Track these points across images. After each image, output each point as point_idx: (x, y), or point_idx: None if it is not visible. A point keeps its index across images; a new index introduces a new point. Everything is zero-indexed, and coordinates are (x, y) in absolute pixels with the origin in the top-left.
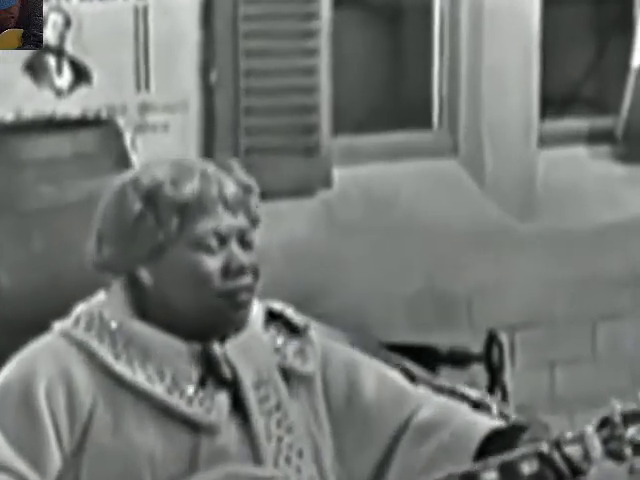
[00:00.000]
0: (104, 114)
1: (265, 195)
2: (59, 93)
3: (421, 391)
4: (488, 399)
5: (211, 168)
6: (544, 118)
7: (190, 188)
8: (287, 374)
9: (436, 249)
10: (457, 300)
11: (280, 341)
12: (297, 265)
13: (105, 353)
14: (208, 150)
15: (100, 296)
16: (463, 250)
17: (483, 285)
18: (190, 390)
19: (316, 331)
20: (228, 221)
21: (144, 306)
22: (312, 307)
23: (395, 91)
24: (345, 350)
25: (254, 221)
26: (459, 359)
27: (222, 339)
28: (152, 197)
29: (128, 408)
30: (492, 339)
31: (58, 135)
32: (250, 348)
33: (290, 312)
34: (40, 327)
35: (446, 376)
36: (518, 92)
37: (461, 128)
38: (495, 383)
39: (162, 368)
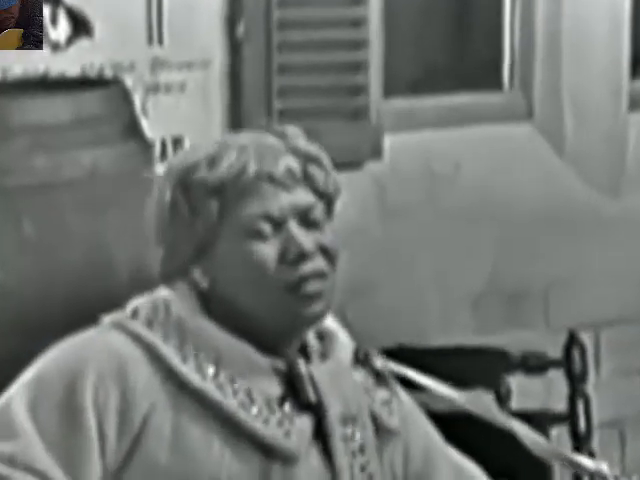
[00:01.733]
0: (108, 72)
1: None
2: (55, 48)
3: None
4: (605, 469)
5: (258, 140)
6: (636, 76)
7: (225, 166)
8: (375, 421)
9: (506, 234)
10: (531, 295)
11: (370, 382)
12: (342, 253)
13: (171, 352)
14: (234, 115)
15: (162, 291)
16: (539, 235)
17: (562, 277)
18: (266, 409)
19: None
20: (280, 200)
21: (210, 312)
22: (358, 304)
23: (458, 45)
24: (424, 420)
25: (323, 194)
26: (533, 365)
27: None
28: (184, 182)
29: (192, 420)
30: (573, 341)
31: (53, 97)
32: (339, 377)
33: (378, 359)
34: (30, 325)
35: (519, 385)
36: (605, 45)
37: (536, 88)
38: (576, 393)
39: (237, 380)
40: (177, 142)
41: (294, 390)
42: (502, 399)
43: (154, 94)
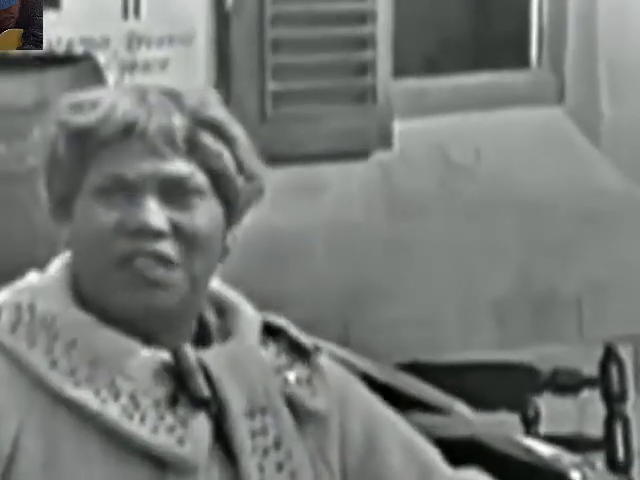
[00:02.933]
0: (78, 49)
1: (301, 158)
2: None
3: (449, 472)
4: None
5: (146, 91)
6: None
7: (95, 111)
8: (292, 405)
9: (534, 233)
10: (562, 303)
11: (283, 360)
12: (345, 256)
13: (37, 359)
14: (221, 97)
15: (31, 277)
16: (571, 234)
17: (598, 282)
18: (154, 413)
19: (330, 359)
20: (143, 163)
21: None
22: (364, 313)
23: (477, 17)
24: (364, 394)
25: (213, 171)
26: (565, 383)
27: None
28: (60, 120)
29: (68, 434)
30: (610, 356)
31: (14, 77)
32: (241, 361)
33: (294, 330)
34: None
35: (549, 406)
36: None
37: (568, 67)
38: (614, 416)
39: (117, 382)
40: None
41: (186, 386)
42: (529, 422)
43: (130, 73)
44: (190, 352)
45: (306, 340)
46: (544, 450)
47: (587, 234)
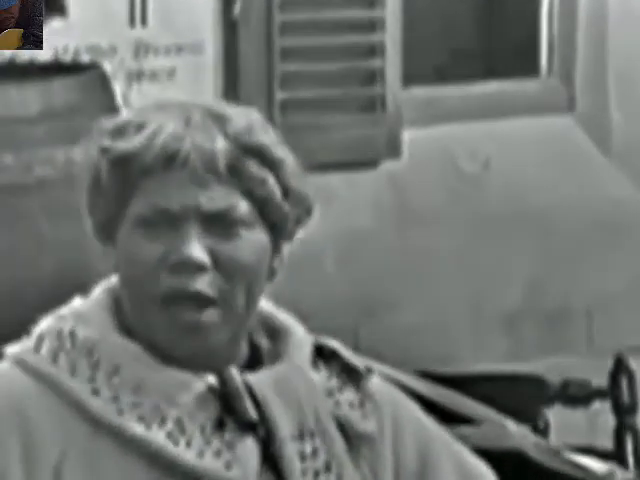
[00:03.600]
0: (85, 57)
1: (309, 167)
2: None
3: None
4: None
5: (190, 113)
6: None
7: (137, 139)
8: (344, 428)
9: (544, 243)
10: (573, 314)
11: (335, 383)
12: (354, 265)
13: (79, 388)
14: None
15: (75, 303)
16: (581, 245)
17: (608, 293)
18: (200, 437)
19: (382, 380)
20: (186, 193)
21: (120, 315)
22: (373, 324)
23: (488, 26)
24: (416, 414)
25: (256, 199)
26: (576, 394)
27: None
28: (100, 148)
29: (112, 462)
30: (620, 367)
31: (21, 86)
32: (289, 383)
33: (346, 352)
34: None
35: (558, 418)
36: None
37: (578, 75)
38: (624, 428)
39: (161, 407)
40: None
41: (232, 409)
42: (539, 434)
43: (138, 81)
44: (236, 374)
45: (358, 362)
46: (595, 465)
47: (597, 244)
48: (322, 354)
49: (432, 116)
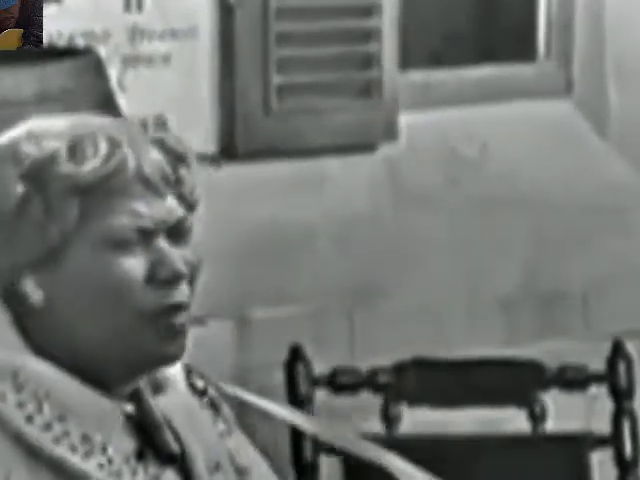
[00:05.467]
0: (79, 42)
1: (306, 151)
2: None
3: None
4: None
5: (123, 127)
6: None
7: (97, 161)
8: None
9: (541, 227)
10: (569, 298)
11: (221, 423)
12: (351, 250)
13: (11, 412)
14: (225, 90)
15: None
16: (579, 229)
17: (606, 276)
18: (127, 469)
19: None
20: (153, 208)
21: (34, 338)
22: (368, 308)
23: (484, 9)
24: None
25: (191, 205)
26: (573, 379)
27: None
28: (40, 175)
29: None
30: (617, 351)
31: (14, 70)
32: (194, 414)
33: (207, 381)
34: None
35: (555, 403)
36: None
37: (576, 58)
38: (622, 412)
39: (89, 435)
40: (159, 121)
41: (151, 440)
42: (536, 419)
43: (133, 67)
44: (155, 405)
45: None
46: None
47: (594, 227)
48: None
49: (429, 100)
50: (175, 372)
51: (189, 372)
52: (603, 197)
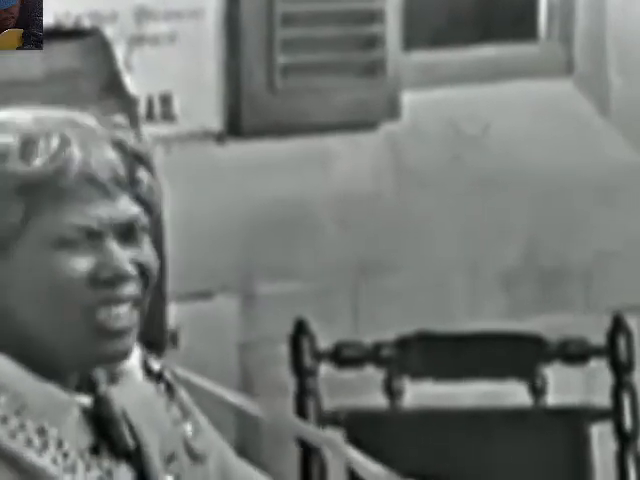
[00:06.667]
0: (86, 23)
1: (310, 129)
2: None
3: None
4: None
5: (80, 124)
6: None
7: (44, 160)
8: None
9: (543, 204)
10: (571, 273)
11: (166, 400)
12: (353, 226)
13: None
14: (230, 70)
15: None
16: (580, 205)
17: (606, 252)
18: (81, 463)
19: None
20: (100, 208)
21: None
22: (372, 284)
23: None
24: (213, 430)
25: (148, 205)
26: (573, 353)
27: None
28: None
29: None
30: (618, 325)
31: (23, 50)
32: (150, 405)
33: (164, 365)
34: None
35: (556, 376)
36: None
37: (577, 38)
38: (622, 385)
39: (44, 429)
40: (165, 99)
41: (107, 434)
42: (537, 392)
43: (139, 47)
44: (113, 396)
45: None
46: None
47: (595, 206)
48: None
49: (431, 79)
50: (133, 357)
51: (145, 357)
52: (603, 175)
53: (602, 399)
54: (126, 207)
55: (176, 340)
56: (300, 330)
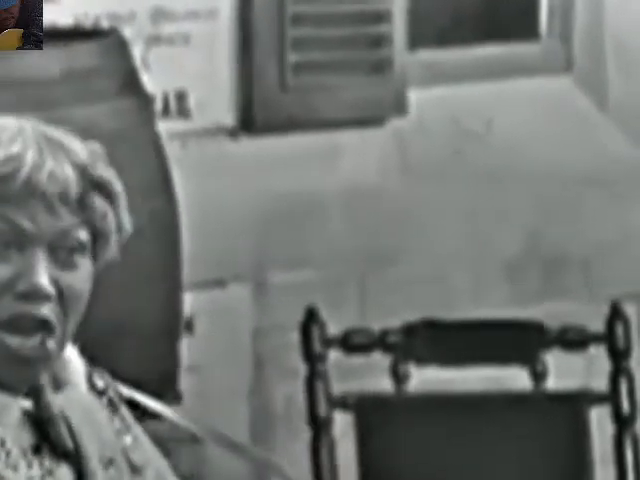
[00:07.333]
0: (105, 23)
1: (320, 125)
2: None
3: None
4: None
5: (51, 143)
6: None
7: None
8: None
9: (543, 196)
10: (571, 262)
11: (117, 421)
12: (361, 218)
13: None
14: (244, 69)
15: None
16: (579, 197)
17: (605, 242)
18: (24, 462)
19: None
20: (39, 217)
21: None
22: (378, 273)
23: None
24: (150, 445)
25: (98, 232)
26: (573, 340)
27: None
28: None
29: None
30: (616, 313)
31: (43, 49)
32: (91, 410)
33: (107, 381)
34: None
35: (556, 362)
36: None
37: (577, 37)
38: (619, 371)
39: None
40: (181, 96)
41: (47, 435)
42: (538, 378)
43: (156, 46)
44: (52, 401)
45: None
46: None
47: (595, 198)
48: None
49: (437, 77)
50: (77, 370)
51: (90, 373)
52: (603, 168)
53: (600, 384)
54: (67, 225)
55: (191, 327)
56: (310, 317)
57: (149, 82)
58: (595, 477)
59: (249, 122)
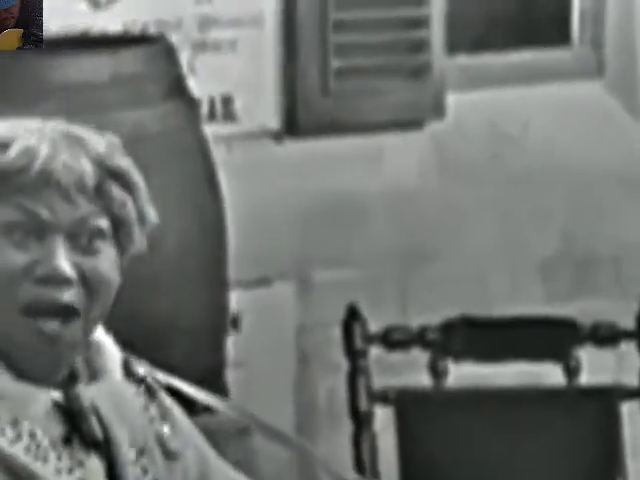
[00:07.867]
0: (153, 30)
1: (361, 128)
2: (95, 5)
3: None
4: None
5: (69, 136)
6: None
7: (15, 154)
8: (161, 445)
9: (576, 196)
10: (603, 262)
11: (144, 399)
12: (401, 219)
13: None
14: (288, 74)
15: None
16: (611, 199)
17: (635, 241)
18: (53, 453)
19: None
20: (56, 207)
21: None
22: (418, 272)
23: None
24: (194, 430)
25: (117, 219)
26: (605, 336)
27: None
28: None
29: None
30: None
31: (93, 55)
32: (122, 401)
33: (146, 368)
34: None
35: (589, 358)
36: None
37: (608, 43)
38: None
39: (18, 420)
40: (226, 101)
41: (78, 427)
42: (571, 373)
43: (202, 52)
44: (82, 392)
45: (152, 377)
46: None
47: (625, 198)
48: (127, 368)
49: (474, 81)
50: (112, 357)
51: (126, 360)
52: (633, 171)
53: (631, 379)
54: (85, 213)
55: (237, 324)
56: (352, 315)
57: (195, 87)
58: (626, 470)
59: (293, 125)
